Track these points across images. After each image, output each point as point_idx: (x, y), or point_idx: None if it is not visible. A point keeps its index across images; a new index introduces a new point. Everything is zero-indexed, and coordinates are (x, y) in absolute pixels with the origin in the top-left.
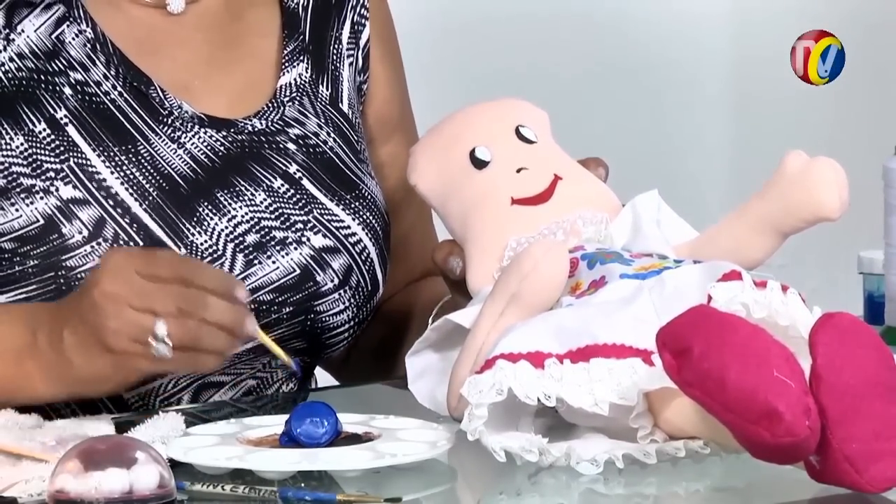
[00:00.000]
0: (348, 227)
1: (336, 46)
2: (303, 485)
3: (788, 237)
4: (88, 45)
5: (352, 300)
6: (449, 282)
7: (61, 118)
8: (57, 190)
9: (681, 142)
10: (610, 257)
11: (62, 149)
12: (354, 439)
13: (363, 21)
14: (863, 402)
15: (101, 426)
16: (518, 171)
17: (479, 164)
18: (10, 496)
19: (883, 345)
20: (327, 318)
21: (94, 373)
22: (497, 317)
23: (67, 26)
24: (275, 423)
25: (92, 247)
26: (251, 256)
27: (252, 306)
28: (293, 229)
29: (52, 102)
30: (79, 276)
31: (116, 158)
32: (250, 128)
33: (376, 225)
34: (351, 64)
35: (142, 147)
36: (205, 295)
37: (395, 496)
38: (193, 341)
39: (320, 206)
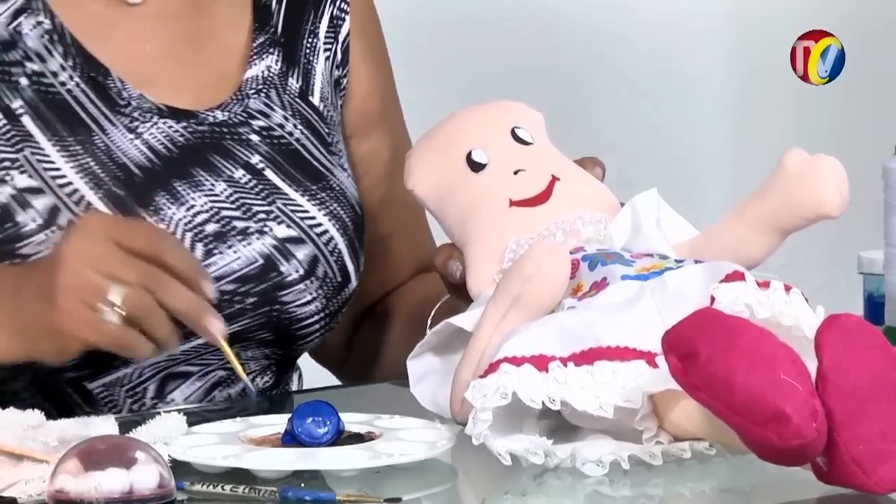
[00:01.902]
0: (313, 217)
1: (311, 40)
2: (303, 485)
3: (789, 235)
4: (46, 37)
5: (320, 291)
6: (449, 285)
7: (17, 109)
8: (12, 179)
9: (681, 141)
10: (611, 258)
11: (17, 139)
12: (356, 439)
13: (343, 15)
14: (869, 404)
15: (104, 426)
16: (515, 172)
17: (476, 166)
18: (10, 496)
19: (889, 346)
20: (294, 309)
21: (38, 326)
22: (499, 320)
23: (25, 18)
24: (279, 423)
25: (46, 235)
26: (210, 246)
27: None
28: (254, 219)
29: (7, 93)
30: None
31: (72, 148)
32: (212, 119)
33: (345, 216)
34: (328, 58)
35: (97, 137)
36: (169, 278)
37: (395, 496)
38: (143, 317)
39: (284, 197)
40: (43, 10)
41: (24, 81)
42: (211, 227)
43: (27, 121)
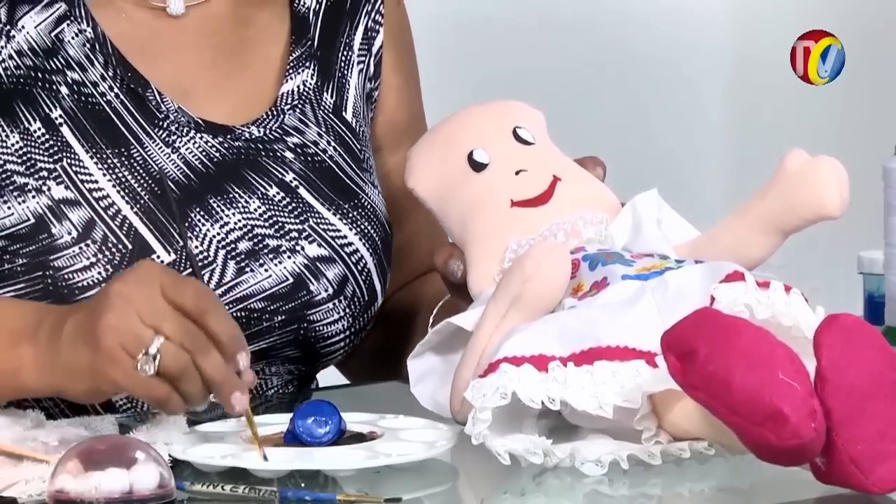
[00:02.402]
0: (345, 236)
1: (345, 53)
2: (303, 485)
3: (789, 236)
4: (88, 45)
5: (347, 310)
6: (449, 285)
7: (56, 118)
8: (49, 189)
9: (681, 142)
10: (611, 258)
11: (56, 149)
12: (357, 438)
13: (377, 27)
14: (868, 403)
15: (104, 426)
16: (517, 172)
17: (478, 166)
18: (10, 496)
19: (887, 345)
20: (321, 328)
21: (73, 364)
22: (499, 319)
23: (68, 25)
24: (281, 422)
25: (80, 248)
26: (243, 264)
27: (243, 314)
28: (287, 238)
29: (48, 102)
30: (66, 276)
31: (109, 161)
32: (248, 135)
33: (375, 235)
34: (361, 71)
35: (135, 150)
36: (209, 344)
37: (395, 496)
38: (178, 375)
39: (316, 216)
40: (85, 17)
41: (64, 90)
42: (244, 245)
43: (66, 131)
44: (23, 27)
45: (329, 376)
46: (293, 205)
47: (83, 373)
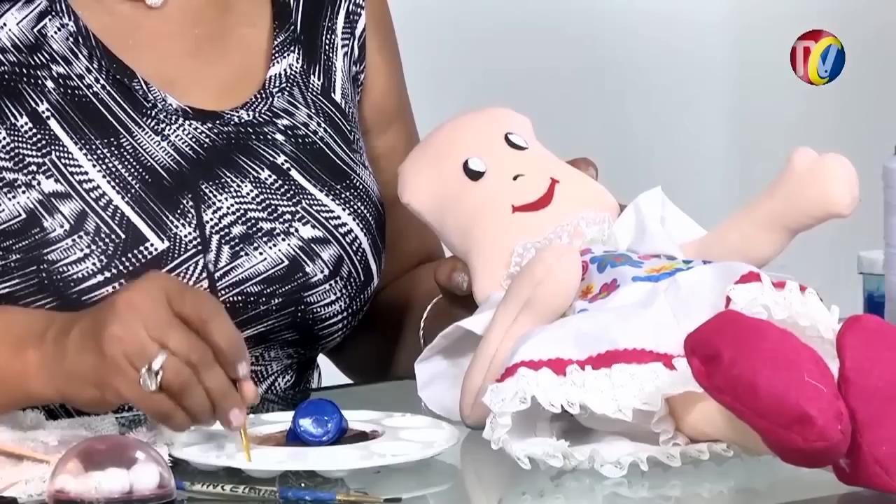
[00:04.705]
0: (338, 217)
1: (329, 36)
2: (303, 484)
3: (797, 234)
4: (71, 39)
5: (343, 291)
6: (452, 298)
7: (43, 112)
8: (38, 184)
9: (682, 143)
10: (619, 260)
11: (44, 143)
12: (359, 438)
13: (359, 10)
14: (892, 405)
15: (104, 426)
16: (515, 178)
17: (475, 175)
18: (10, 496)
19: None
20: (319, 310)
21: (78, 371)
22: (510, 323)
23: (49, 20)
24: (283, 420)
25: (73, 240)
26: (237, 248)
27: (239, 298)
28: (281, 220)
29: (34, 96)
30: (60, 269)
31: (99, 151)
32: (237, 119)
33: (368, 215)
34: (346, 54)
35: (125, 140)
36: (212, 359)
37: (395, 496)
38: (180, 390)
39: (309, 197)
40: (66, 12)
41: (50, 85)
42: (237, 230)
43: (54, 124)
44: (4, 24)
45: (334, 376)
46: (286, 187)
47: (88, 380)
